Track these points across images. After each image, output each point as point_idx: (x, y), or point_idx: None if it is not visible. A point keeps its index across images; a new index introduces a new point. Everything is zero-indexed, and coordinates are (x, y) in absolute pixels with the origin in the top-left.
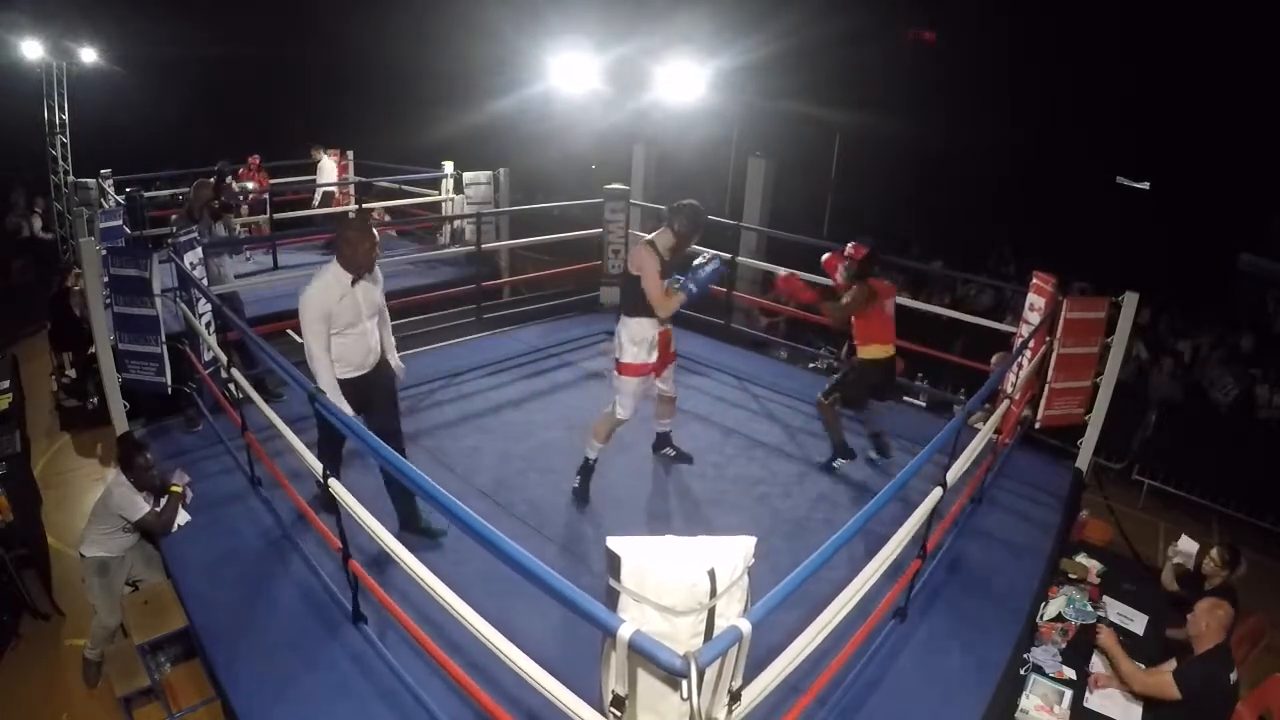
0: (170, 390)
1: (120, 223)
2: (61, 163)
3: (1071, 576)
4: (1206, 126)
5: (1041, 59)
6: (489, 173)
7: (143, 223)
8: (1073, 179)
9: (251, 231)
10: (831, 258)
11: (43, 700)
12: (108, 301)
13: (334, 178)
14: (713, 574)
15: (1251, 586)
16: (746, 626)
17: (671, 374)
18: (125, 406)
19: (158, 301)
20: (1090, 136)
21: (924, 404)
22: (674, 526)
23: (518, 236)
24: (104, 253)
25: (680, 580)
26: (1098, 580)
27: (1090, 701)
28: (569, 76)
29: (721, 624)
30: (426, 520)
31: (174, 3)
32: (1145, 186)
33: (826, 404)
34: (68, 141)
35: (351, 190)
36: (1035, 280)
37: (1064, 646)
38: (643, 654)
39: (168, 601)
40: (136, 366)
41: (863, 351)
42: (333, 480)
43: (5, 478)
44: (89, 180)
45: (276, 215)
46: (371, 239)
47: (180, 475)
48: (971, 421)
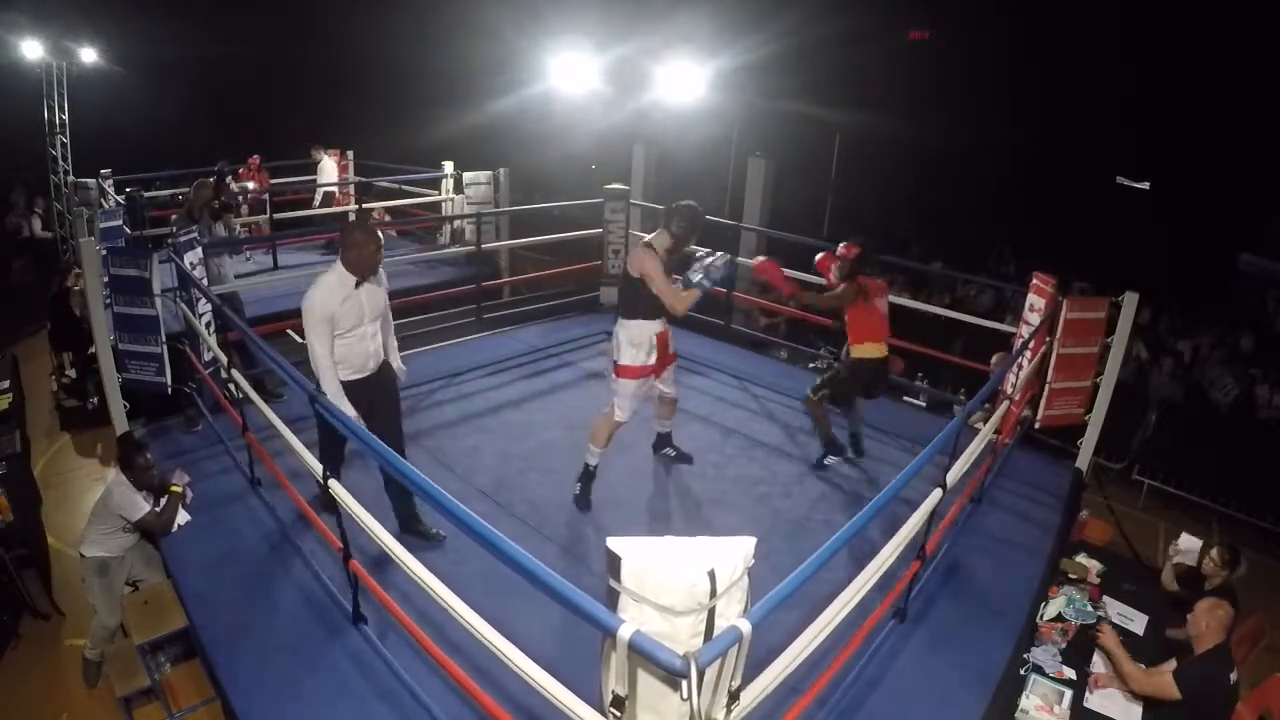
0: (170, 390)
1: (120, 223)
2: (61, 163)
3: (1071, 576)
4: (1206, 127)
5: (1041, 59)
6: (489, 173)
7: (143, 223)
8: (1073, 179)
9: (251, 231)
10: (825, 258)
11: (43, 700)
12: (108, 301)
13: (334, 178)
14: (713, 574)
15: (1251, 586)
16: (746, 627)
17: (672, 374)
18: (125, 406)
19: (158, 301)
20: (1090, 136)
21: (924, 404)
22: (674, 527)
23: (518, 236)
24: (104, 253)
25: (680, 580)
26: (1098, 580)
27: (1090, 701)
28: (569, 76)
29: (721, 624)
30: (426, 522)
31: (174, 3)
32: (1145, 186)
33: (815, 400)
34: (68, 141)
35: (351, 190)
36: (1035, 280)
37: (1064, 646)
38: (643, 654)
39: (168, 601)
40: (136, 366)
41: (856, 350)
42: (333, 481)
43: (5, 478)
44: (89, 180)
45: (276, 215)
46: (377, 242)
47: (180, 475)
48: (971, 422)
